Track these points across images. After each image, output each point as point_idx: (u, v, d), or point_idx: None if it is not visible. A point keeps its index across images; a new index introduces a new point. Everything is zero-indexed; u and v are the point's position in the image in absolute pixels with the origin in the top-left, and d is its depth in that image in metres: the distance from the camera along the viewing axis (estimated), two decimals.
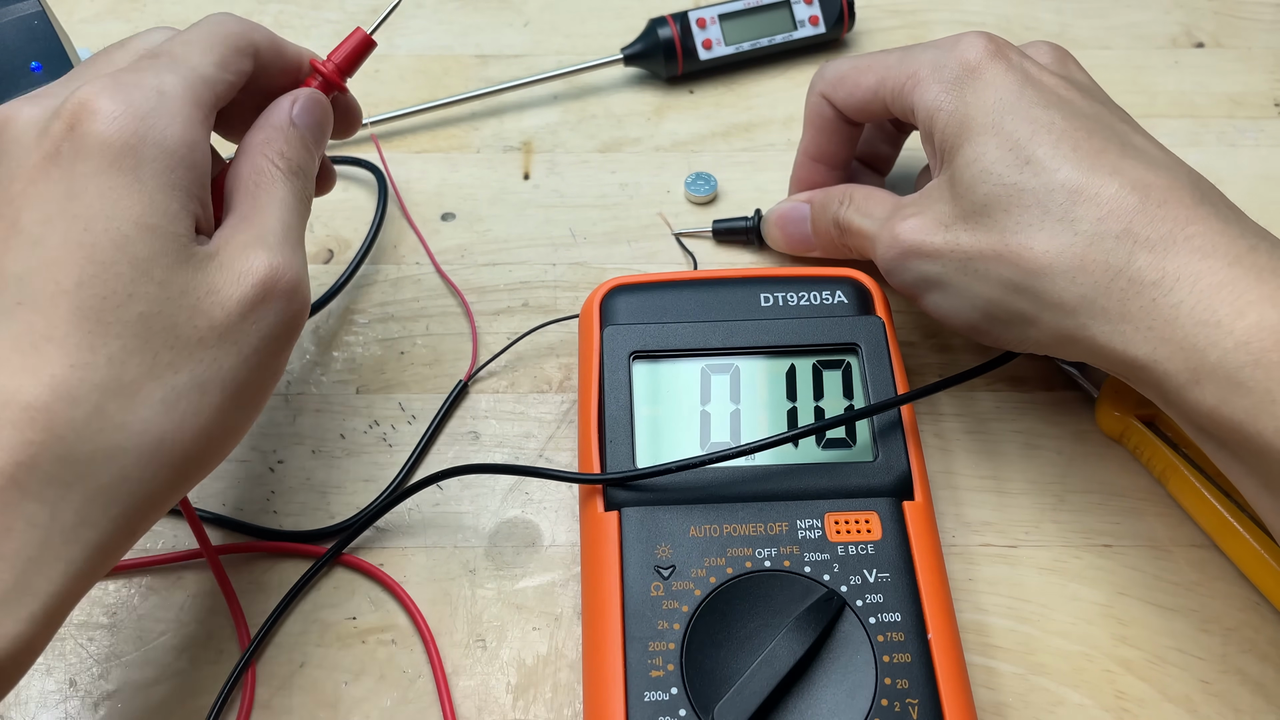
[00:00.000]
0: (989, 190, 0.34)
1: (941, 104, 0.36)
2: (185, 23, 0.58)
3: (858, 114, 0.41)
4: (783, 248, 0.45)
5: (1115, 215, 0.32)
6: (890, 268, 0.38)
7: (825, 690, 0.31)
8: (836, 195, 0.41)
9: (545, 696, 0.35)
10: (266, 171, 0.32)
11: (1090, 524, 0.39)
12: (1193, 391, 0.30)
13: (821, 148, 0.43)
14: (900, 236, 0.37)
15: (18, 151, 0.29)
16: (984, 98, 0.35)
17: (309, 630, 0.36)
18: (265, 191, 0.32)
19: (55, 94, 0.30)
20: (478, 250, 0.47)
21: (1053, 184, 0.33)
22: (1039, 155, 0.33)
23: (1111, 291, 0.32)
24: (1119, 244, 0.32)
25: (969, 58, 0.36)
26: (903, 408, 0.36)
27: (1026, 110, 0.34)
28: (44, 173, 0.28)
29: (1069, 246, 0.32)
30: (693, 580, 0.33)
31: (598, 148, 0.51)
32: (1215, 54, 0.55)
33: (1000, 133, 0.34)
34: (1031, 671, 0.35)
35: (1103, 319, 0.32)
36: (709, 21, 0.53)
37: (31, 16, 0.41)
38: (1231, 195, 0.41)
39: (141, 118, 0.29)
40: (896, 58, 0.39)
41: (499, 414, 0.42)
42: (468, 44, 0.56)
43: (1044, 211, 0.33)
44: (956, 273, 0.35)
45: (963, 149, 0.35)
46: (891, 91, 0.38)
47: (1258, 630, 0.36)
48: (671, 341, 0.37)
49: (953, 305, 0.36)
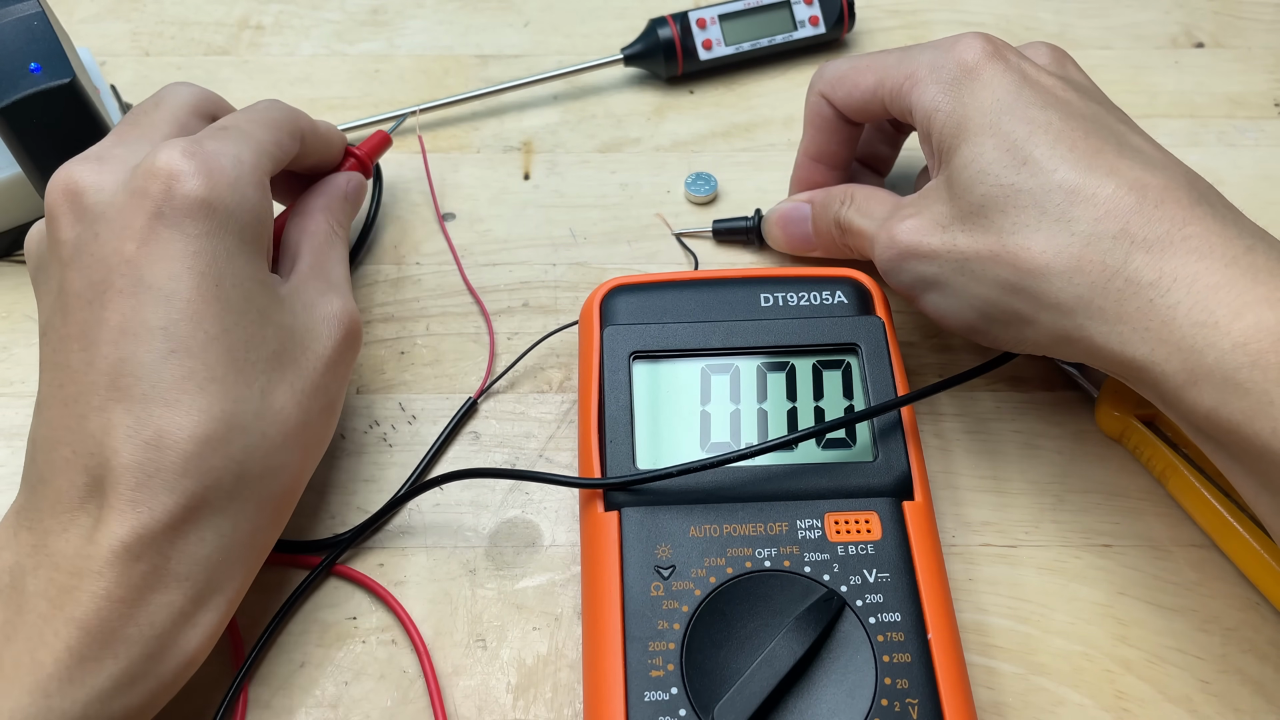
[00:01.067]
0: (986, 190, 0.34)
1: (939, 104, 0.36)
2: (185, 22, 0.58)
3: (857, 114, 0.41)
4: (783, 247, 0.45)
5: (1112, 215, 0.32)
6: (888, 268, 0.38)
7: (825, 690, 0.31)
8: (838, 195, 0.41)
9: (545, 696, 0.35)
10: (329, 232, 0.39)
11: (1090, 524, 0.39)
12: (1190, 392, 0.30)
13: (821, 147, 0.43)
14: (898, 237, 0.37)
15: (112, 214, 0.32)
16: (981, 98, 0.35)
17: (309, 630, 0.36)
18: (329, 247, 0.39)
19: (118, 159, 0.34)
20: (478, 250, 0.47)
21: (1050, 184, 0.33)
22: (1036, 155, 0.33)
23: (1108, 292, 0.32)
24: (1116, 244, 0.32)
25: (967, 58, 0.36)
26: (903, 408, 0.36)
27: (1024, 110, 0.34)
28: (154, 233, 0.32)
29: (1066, 247, 0.32)
30: (693, 580, 0.33)
31: (598, 148, 0.51)
32: (1215, 54, 0.55)
33: (997, 133, 0.34)
34: (1031, 671, 0.35)
35: (1100, 319, 0.32)
36: (709, 22, 0.53)
37: (31, 17, 0.41)
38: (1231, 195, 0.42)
39: (231, 184, 0.33)
40: (895, 58, 0.39)
41: (499, 414, 0.42)
42: (468, 44, 0.56)
43: (1041, 212, 0.33)
44: (954, 273, 0.35)
45: (960, 149, 0.35)
46: (890, 91, 0.38)
47: (1258, 630, 0.36)
48: (671, 342, 0.37)
49: (950, 306, 0.36)
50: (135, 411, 0.30)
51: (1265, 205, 0.48)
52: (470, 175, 0.50)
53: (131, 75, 0.54)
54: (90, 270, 0.32)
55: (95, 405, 0.31)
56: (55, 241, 0.33)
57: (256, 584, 0.37)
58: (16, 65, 0.40)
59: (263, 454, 0.32)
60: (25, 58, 0.40)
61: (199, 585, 0.31)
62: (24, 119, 0.40)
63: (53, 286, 0.33)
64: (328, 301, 0.36)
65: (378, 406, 0.42)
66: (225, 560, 0.32)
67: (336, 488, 0.40)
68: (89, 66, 0.48)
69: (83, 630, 0.29)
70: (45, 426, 0.32)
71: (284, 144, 0.38)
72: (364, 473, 0.40)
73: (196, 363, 0.31)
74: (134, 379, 0.31)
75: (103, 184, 0.33)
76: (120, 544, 0.29)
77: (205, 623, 0.31)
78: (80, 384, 0.31)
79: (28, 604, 0.29)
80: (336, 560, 0.38)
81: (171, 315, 0.31)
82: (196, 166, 0.32)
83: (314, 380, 0.34)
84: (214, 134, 0.35)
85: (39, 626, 0.29)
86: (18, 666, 0.29)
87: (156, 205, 0.32)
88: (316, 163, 0.42)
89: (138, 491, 0.30)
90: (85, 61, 0.48)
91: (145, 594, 0.30)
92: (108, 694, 0.29)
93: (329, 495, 0.40)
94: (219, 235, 0.32)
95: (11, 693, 0.28)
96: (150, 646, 0.30)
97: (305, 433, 0.34)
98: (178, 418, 0.31)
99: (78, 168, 0.33)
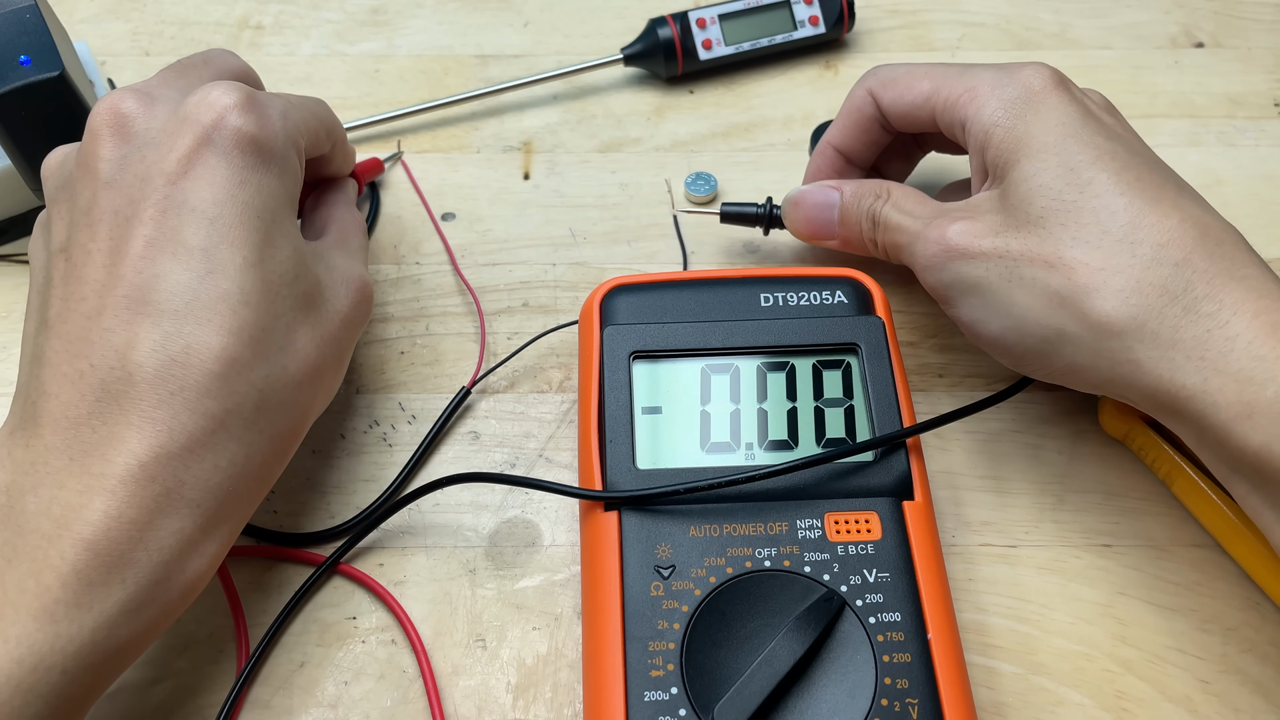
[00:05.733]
0: (1046, 204, 0.34)
1: (999, 120, 0.36)
2: (185, 22, 0.58)
3: (899, 119, 0.41)
4: (802, 232, 0.43)
5: (1176, 244, 0.32)
6: (931, 265, 0.37)
7: (825, 690, 0.31)
8: (873, 189, 0.41)
9: (545, 696, 0.35)
10: (351, 214, 0.41)
11: (1090, 524, 0.39)
12: (1242, 426, 0.30)
13: (851, 142, 0.43)
14: (950, 237, 0.36)
15: (161, 139, 0.33)
16: (1047, 120, 0.35)
17: (309, 630, 0.36)
18: (352, 225, 0.41)
19: (166, 97, 0.34)
20: (478, 250, 0.47)
21: (1115, 207, 0.33)
22: (1101, 179, 0.34)
23: (1165, 316, 0.31)
24: (1178, 271, 0.32)
25: (1033, 84, 0.36)
26: (903, 409, 0.36)
27: (1090, 138, 0.35)
28: (201, 157, 0.32)
29: (1126, 266, 0.32)
30: (693, 580, 0.33)
31: (598, 148, 0.51)
32: (1215, 54, 0.55)
33: (1062, 153, 0.34)
34: (1031, 671, 0.35)
35: (1151, 344, 0.31)
36: (709, 21, 0.53)
37: (24, 10, 0.41)
38: (1231, 195, 0.42)
39: (277, 133, 0.34)
40: (955, 71, 0.39)
41: (499, 414, 0.42)
42: (468, 44, 0.56)
43: (1103, 231, 0.33)
44: (1000, 279, 0.35)
45: (1020, 165, 0.35)
46: (945, 101, 0.38)
47: (1258, 630, 0.36)
48: (671, 341, 0.37)
49: (988, 315, 0.35)
50: (164, 326, 0.30)
51: (1265, 205, 0.48)
52: (470, 175, 0.50)
53: (131, 75, 0.54)
54: (130, 188, 0.32)
55: (121, 319, 0.31)
56: (93, 158, 0.33)
57: (258, 582, 0.37)
58: (6, 58, 0.40)
59: (281, 386, 0.33)
60: (15, 50, 0.40)
61: (208, 513, 0.31)
62: (12, 111, 0.40)
63: (80, 204, 0.33)
64: (349, 266, 0.38)
65: (378, 406, 0.42)
66: (235, 490, 0.31)
67: (336, 488, 0.40)
68: (85, 61, 0.48)
69: (91, 551, 0.28)
70: (57, 340, 0.31)
71: (320, 136, 0.39)
72: (364, 473, 0.40)
73: (233, 286, 0.31)
74: (169, 294, 0.31)
75: (153, 112, 0.34)
76: (137, 462, 0.29)
77: (209, 551, 0.31)
78: (104, 298, 0.31)
79: (28, 524, 0.29)
80: (339, 561, 0.38)
81: (213, 238, 0.32)
82: (249, 106, 0.33)
83: (332, 331, 0.35)
84: (265, 93, 0.35)
85: (43, 547, 0.28)
86: (22, 590, 0.28)
87: (206, 132, 0.32)
88: (332, 173, 0.43)
89: (159, 409, 0.30)
90: (82, 56, 0.48)
91: (156, 517, 0.29)
92: (115, 620, 0.29)
93: (329, 495, 0.40)
94: (264, 172, 0.33)
95: (18, 619, 0.27)
96: (158, 573, 0.29)
97: (319, 378, 0.35)
98: (208, 336, 0.31)
99: (127, 96, 0.34)
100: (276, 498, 0.40)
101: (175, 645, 0.36)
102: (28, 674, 0.27)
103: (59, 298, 0.32)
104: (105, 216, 0.32)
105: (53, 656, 0.27)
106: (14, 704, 0.27)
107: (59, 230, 0.33)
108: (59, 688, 0.28)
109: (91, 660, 0.28)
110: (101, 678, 0.29)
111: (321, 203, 0.42)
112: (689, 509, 0.34)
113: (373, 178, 0.49)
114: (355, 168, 0.45)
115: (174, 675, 0.35)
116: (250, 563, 0.38)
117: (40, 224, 0.35)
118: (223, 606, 0.37)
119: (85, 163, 0.33)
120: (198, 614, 0.37)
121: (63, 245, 0.33)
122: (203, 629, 0.36)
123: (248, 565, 0.38)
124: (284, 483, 0.40)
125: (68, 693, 0.28)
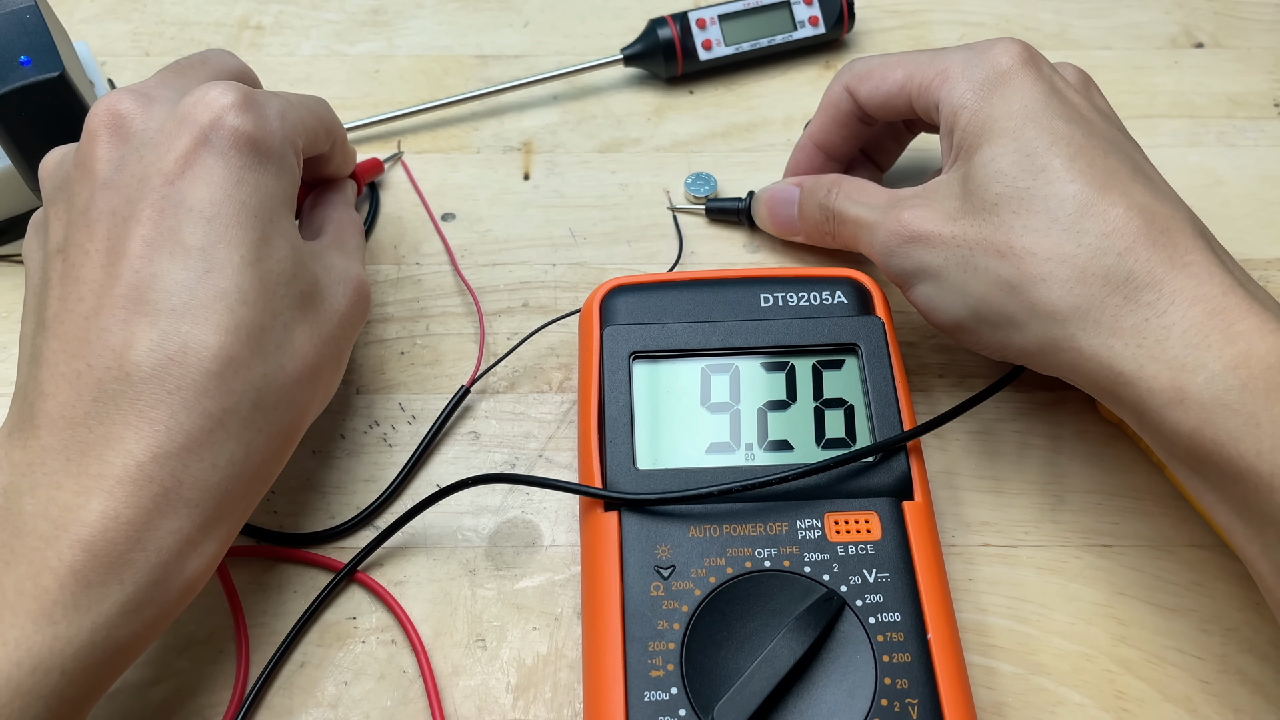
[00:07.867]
0: (1001, 191, 0.34)
1: (966, 102, 0.36)
2: (185, 22, 0.58)
3: (878, 110, 0.41)
4: (769, 226, 0.46)
5: (1120, 234, 0.32)
6: (889, 250, 0.38)
7: (825, 690, 0.31)
8: (825, 182, 0.42)
9: (545, 696, 0.35)
10: (348, 215, 0.41)
11: (1090, 524, 0.39)
12: (1174, 411, 0.30)
13: (829, 137, 0.43)
14: (907, 223, 0.37)
15: (158, 139, 0.33)
16: (1010, 102, 0.35)
17: (309, 630, 0.36)
18: (349, 225, 0.41)
19: (163, 97, 0.34)
20: (478, 250, 0.47)
21: (1064, 194, 0.33)
22: (1054, 165, 0.34)
23: (1106, 305, 0.32)
24: (1120, 260, 0.32)
25: (1001, 62, 0.36)
26: (903, 410, 0.36)
27: (1049, 122, 0.35)
28: (199, 157, 0.32)
29: (1072, 256, 0.33)
30: (693, 580, 0.33)
31: (598, 148, 0.51)
32: (1215, 54, 0.55)
33: (1020, 138, 0.35)
34: (1031, 671, 0.35)
35: (1093, 331, 0.32)
36: (709, 22, 0.53)
37: (24, 10, 0.41)
38: (1231, 195, 0.42)
39: (274, 134, 0.34)
40: (928, 56, 0.39)
41: (499, 414, 0.42)
42: (468, 44, 0.56)
43: (1052, 220, 0.33)
44: (955, 265, 0.35)
45: (981, 149, 0.35)
46: (919, 86, 0.39)
47: (1258, 630, 0.36)
48: (671, 342, 0.37)
49: (943, 299, 0.36)
50: (161, 325, 0.30)
51: (1265, 205, 0.48)
52: (470, 175, 0.50)
53: (131, 75, 0.54)
54: (127, 188, 0.32)
55: (119, 319, 0.30)
56: (90, 159, 0.33)
57: (258, 582, 0.37)
58: (6, 58, 0.40)
59: (279, 385, 0.33)
60: (15, 51, 0.40)
61: (207, 512, 0.31)
62: (12, 111, 0.40)
63: (78, 205, 0.33)
64: (347, 266, 0.38)
65: (378, 406, 0.42)
66: (233, 489, 0.31)
67: (336, 488, 0.40)
68: (85, 61, 0.48)
69: (88, 552, 0.28)
70: (55, 340, 0.31)
71: (319, 135, 0.39)
72: (364, 473, 0.40)
73: (230, 285, 0.31)
74: (166, 294, 0.31)
75: (150, 113, 0.34)
76: (134, 462, 0.29)
77: (208, 551, 0.31)
78: (102, 298, 0.31)
79: (26, 525, 0.29)
80: (355, 570, 0.37)
81: (211, 237, 0.32)
82: (246, 106, 0.33)
83: (330, 330, 0.35)
84: (262, 92, 0.35)
85: (40, 549, 0.28)
86: (20, 593, 0.28)
87: (203, 132, 0.32)
88: (331, 173, 0.43)
89: (157, 409, 0.30)
90: (82, 56, 0.48)
91: (154, 517, 0.29)
92: (113, 621, 0.29)
93: (329, 495, 0.40)
94: (261, 171, 0.33)
95: (16, 621, 0.27)
96: (156, 573, 0.29)
97: (317, 377, 0.34)
98: (205, 335, 0.31)
99: (124, 96, 0.34)
100: (276, 498, 0.40)
101: (175, 645, 0.36)
102: (27, 676, 0.27)
103: (56, 298, 0.32)
104: (103, 217, 0.32)
105: (52, 658, 0.27)
106: (14, 706, 0.27)
107: (56, 231, 0.33)
108: (58, 689, 0.28)
109: (91, 661, 0.28)
110: (101, 679, 0.29)
111: (319, 203, 0.42)
112: (689, 509, 0.34)
113: (372, 178, 0.49)
114: (355, 168, 0.45)
115: (174, 675, 0.35)
116: (250, 563, 0.38)
117: (35, 224, 0.35)
118: (223, 606, 0.37)
119: (83, 163, 0.33)
120: (198, 614, 0.37)
121: (60, 245, 0.33)
122: (203, 629, 0.36)
123: (248, 565, 0.38)
124: (284, 483, 0.40)
125: (67, 694, 0.28)
